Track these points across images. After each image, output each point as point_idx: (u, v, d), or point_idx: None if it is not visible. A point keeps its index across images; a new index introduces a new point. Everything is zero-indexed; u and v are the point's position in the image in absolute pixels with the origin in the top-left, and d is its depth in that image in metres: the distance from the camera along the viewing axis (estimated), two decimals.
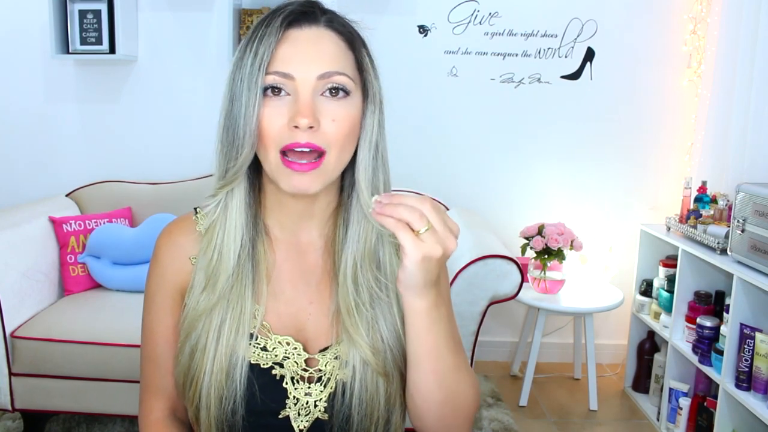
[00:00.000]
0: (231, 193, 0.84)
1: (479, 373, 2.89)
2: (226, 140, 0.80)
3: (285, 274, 0.89)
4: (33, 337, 2.08)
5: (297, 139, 0.76)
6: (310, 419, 0.85)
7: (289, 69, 0.77)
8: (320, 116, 0.77)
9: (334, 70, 0.78)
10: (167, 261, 0.90)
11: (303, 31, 0.79)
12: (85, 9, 2.65)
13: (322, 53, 0.78)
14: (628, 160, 2.95)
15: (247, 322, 0.84)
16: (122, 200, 2.67)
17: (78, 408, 2.14)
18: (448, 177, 2.94)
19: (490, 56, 2.88)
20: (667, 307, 2.53)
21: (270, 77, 0.77)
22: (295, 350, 0.85)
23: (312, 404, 0.85)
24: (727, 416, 2.09)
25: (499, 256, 2.04)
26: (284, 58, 0.77)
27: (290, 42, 0.78)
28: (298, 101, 0.77)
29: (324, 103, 0.78)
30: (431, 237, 0.70)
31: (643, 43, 2.86)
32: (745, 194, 2.07)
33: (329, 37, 0.80)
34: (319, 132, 0.77)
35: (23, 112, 2.87)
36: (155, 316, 0.91)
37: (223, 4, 2.74)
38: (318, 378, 0.86)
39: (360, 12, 3.00)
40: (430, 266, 0.72)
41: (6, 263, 2.11)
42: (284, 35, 0.78)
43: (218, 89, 0.83)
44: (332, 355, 0.86)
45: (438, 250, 0.71)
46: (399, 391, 0.87)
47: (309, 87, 0.77)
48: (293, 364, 0.85)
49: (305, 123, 0.75)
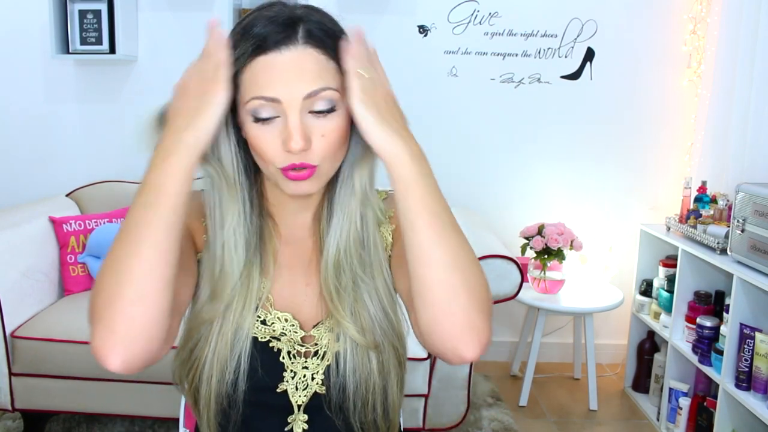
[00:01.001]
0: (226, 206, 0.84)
1: (479, 373, 2.89)
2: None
3: (284, 259, 0.92)
4: (33, 337, 2.08)
5: (292, 161, 0.79)
6: (308, 393, 0.88)
7: (273, 93, 0.77)
8: (311, 134, 0.78)
9: (318, 88, 0.77)
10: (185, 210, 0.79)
11: (281, 54, 0.77)
12: (85, 9, 2.65)
13: (305, 72, 0.77)
14: (628, 160, 2.95)
15: (254, 298, 0.87)
16: (122, 200, 2.67)
17: (78, 408, 2.15)
18: (448, 177, 2.90)
19: (490, 56, 2.88)
20: (667, 307, 2.53)
21: (256, 102, 0.77)
22: (292, 327, 0.88)
23: (309, 377, 0.88)
24: (727, 416, 2.09)
25: (499, 256, 2.04)
26: (266, 83, 0.77)
27: (268, 66, 0.77)
28: (288, 125, 0.77)
29: (312, 120, 0.78)
30: (371, 80, 0.77)
31: (643, 43, 2.86)
32: (745, 194, 2.07)
33: (310, 55, 0.78)
34: (311, 150, 0.79)
35: (23, 112, 2.87)
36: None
37: (223, 4, 2.74)
38: (314, 352, 0.89)
39: (360, 12, 3.02)
40: (376, 101, 0.76)
41: (6, 263, 2.12)
42: (258, 61, 0.77)
43: None
44: (326, 329, 0.89)
45: (378, 89, 0.77)
46: (392, 360, 0.89)
47: (296, 109, 0.77)
48: (290, 339, 0.88)
49: (297, 148, 0.77)
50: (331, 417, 0.88)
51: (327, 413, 0.88)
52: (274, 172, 0.81)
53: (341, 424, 0.88)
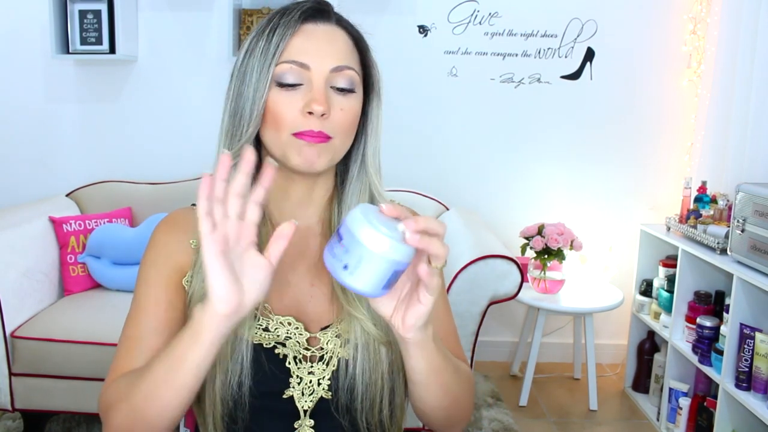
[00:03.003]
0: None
1: (479, 373, 2.89)
2: (232, 124, 0.85)
3: (286, 259, 0.89)
4: (33, 337, 2.08)
5: (310, 126, 0.81)
6: (314, 399, 0.87)
7: (305, 59, 0.82)
8: (330, 105, 0.82)
9: (345, 65, 0.84)
10: (166, 240, 0.89)
11: (318, 26, 0.84)
12: (85, 9, 2.65)
13: (335, 48, 0.84)
14: (628, 160, 2.95)
15: None
16: (122, 200, 2.67)
17: (78, 408, 2.14)
18: (448, 177, 2.95)
19: (490, 56, 2.88)
20: (667, 307, 2.53)
21: (285, 65, 0.82)
22: (296, 330, 0.87)
23: (315, 383, 0.87)
24: (727, 416, 2.09)
25: (499, 256, 2.04)
26: (300, 49, 0.82)
27: (306, 35, 0.83)
28: (312, 90, 0.82)
29: (333, 95, 0.84)
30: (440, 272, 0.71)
31: (643, 43, 2.86)
32: (745, 194, 2.07)
33: (341, 35, 0.86)
34: (329, 120, 0.82)
35: (23, 112, 2.87)
36: (147, 291, 0.87)
37: (223, 4, 2.74)
38: (320, 357, 0.87)
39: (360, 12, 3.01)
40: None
41: (6, 263, 2.12)
42: (300, 28, 0.83)
43: (218, 89, 0.83)
44: (333, 334, 0.88)
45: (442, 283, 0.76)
46: (400, 360, 0.88)
47: (323, 78, 0.82)
48: (295, 343, 0.87)
49: (320, 110, 0.80)
50: (337, 419, 0.87)
51: (334, 415, 0.87)
52: (286, 142, 0.82)
53: (348, 426, 0.88)
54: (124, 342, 0.85)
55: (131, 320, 0.87)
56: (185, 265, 0.88)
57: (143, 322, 0.85)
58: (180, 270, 0.88)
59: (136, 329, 0.85)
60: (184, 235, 0.89)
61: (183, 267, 0.88)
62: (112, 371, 0.84)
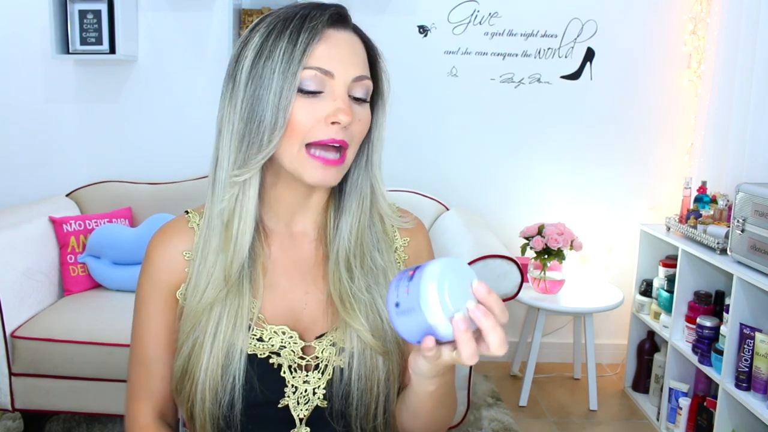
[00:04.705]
0: (248, 183, 0.83)
1: (479, 373, 2.89)
2: (248, 129, 0.80)
3: (280, 266, 0.90)
4: (33, 337, 2.08)
5: (333, 136, 0.79)
6: (310, 407, 0.86)
7: (329, 66, 0.79)
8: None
9: (364, 75, 0.82)
10: (159, 260, 0.90)
11: (341, 34, 0.81)
12: (85, 9, 2.65)
13: (357, 57, 0.82)
14: (628, 160, 2.95)
15: (245, 316, 0.85)
16: (122, 200, 2.67)
17: (78, 408, 2.14)
18: (448, 177, 2.94)
19: (490, 56, 2.88)
20: (666, 307, 2.53)
21: (310, 71, 0.79)
22: (291, 339, 0.86)
23: (311, 392, 0.86)
24: (727, 416, 2.09)
25: (499, 256, 2.04)
26: (324, 55, 0.79)
27: (330, 42, 0.80)
28: (337, 99, 0.79)
29: (352, 104, 0.81)
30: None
31: (643, 43, 2.86)
32: (744, 194, 2.07)
33: (359, 43, 0.83)
34: (349, 130, 0.81)
35: (23, 112, 2.87)
36: (147, 317, 0.90)
37: (223, 4, 2.74)
38: (315, 366, 0.87)
39: (360, 12, 3.01)
40: None
41: (6, 263, 2.11)
42: (325, 34, 0.80)
43: (218, 89, 0.82)
44: (328, 342, 0.87)
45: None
46: (396, 368, 0.89)
47: (345, 86, 0.80)
48: (290, 352, 0.86)
49: (346, 120, 0.78)
50: (332, 425, 0.87)
51: (329, 422, 0.87)
52: (298, 157, 0.80)
53: (342, 431, 0.87)
54: (135, 366, 0.92)
55: (138, 343, 0.91)
56: (180, 280, 0.89)
57: (150, 347, 0.90)
58: (175, 286, 0.90)
59: (144, 353, 0.90)
60: (175, 248, 0.90)
61: (177, 282, 0.90)
62: (131, 394, 0.92)
